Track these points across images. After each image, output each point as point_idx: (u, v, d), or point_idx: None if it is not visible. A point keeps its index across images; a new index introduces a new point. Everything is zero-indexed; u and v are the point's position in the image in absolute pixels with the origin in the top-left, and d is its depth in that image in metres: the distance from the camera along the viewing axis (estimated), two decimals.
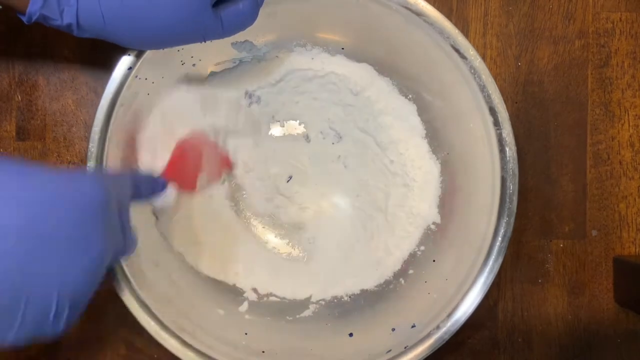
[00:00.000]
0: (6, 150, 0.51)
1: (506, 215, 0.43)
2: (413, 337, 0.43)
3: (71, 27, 0.38)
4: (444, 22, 0.42)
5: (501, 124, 0.43)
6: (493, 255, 0.43)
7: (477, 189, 0.45)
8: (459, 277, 0.44)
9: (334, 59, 0.48)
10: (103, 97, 0.41)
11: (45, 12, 0.37)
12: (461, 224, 0.47)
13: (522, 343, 0.51)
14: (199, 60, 0.47)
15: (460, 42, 0.42)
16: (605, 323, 0.51)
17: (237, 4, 0.40)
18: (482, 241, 0.43)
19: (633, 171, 0.51)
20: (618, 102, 0.51)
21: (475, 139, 0.45)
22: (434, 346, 0.42)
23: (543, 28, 0.51)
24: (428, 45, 0.44)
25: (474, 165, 0.46)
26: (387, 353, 0.43)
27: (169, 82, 0.46)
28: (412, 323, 0.44)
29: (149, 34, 0.38)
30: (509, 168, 0.43)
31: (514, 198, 0.43)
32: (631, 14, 0.51)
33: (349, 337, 0.46)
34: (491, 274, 0.42)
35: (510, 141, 0.43)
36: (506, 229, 0.43)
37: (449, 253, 0.47)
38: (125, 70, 0.42)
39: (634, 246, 0.51)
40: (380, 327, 0.46)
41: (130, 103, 0.43)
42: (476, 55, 0.42)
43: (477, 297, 0.42)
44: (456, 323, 0.42)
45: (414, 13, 0.42)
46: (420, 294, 0.47)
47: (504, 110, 0.43)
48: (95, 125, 0.41)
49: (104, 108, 0.41)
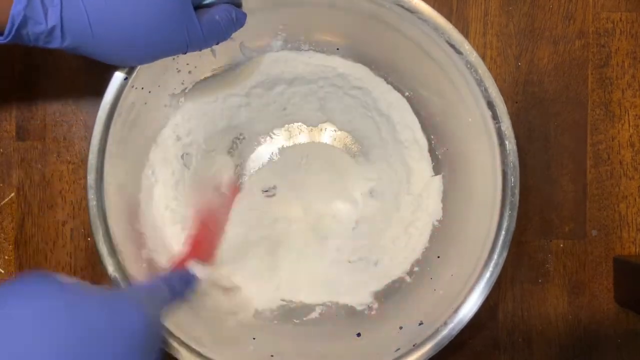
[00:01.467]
0: (6, 150, 0.51)
1: (509, 209, 0.42)
2: (421, 334, 0.42)
3: (54, 34, 0.36)
4: (438, 18, 0.42)
5: (500, 118, 0.42)
6: (497, 249, 0.42)
7: (478, 183, 0.45)
8: (464, 272, 0.43)
9: (329, 59, 0.48)
10: (100, 108, 0.41)
11: (29, 14, 0.35)
12: (464, 219, 0.46)
13: (522, 343, 0.51)
14: (195, 67, 0.46)
15: (455, 38, 0.42)
16: (605, 323, 0.51)
17: (213, 15, 0.40)
18: (485, 236, 0.43)
19: (633, 171, 0.51)
20: (618, 102, 0.51)
21: (474, 133, 0.44)
22: (442, 343, 0.42)
23: (543, 28, 0.51)
24: (423, 42, 0.44)
25: (475, 160, 0.45)
26: (395, 351, 0.42)
27: (165, 90, 0.46)
28: (420, 320, 0.44)
29: (135, 40, 0.37)
30: (509, 161, 0.42)
31: (516, 191, 0.42)
32: (631, 14, 0.51)
33: (357, 337, 0.46)
34: (497, 268, 0.42)
35: (509, 134, 0.42)
36: (509, 222, 0.42)
37: (452, 249, 0.47)
38: (122, 80, 0.41)
39: (634, 246, 0.51)
40: (387, 325, 0.46)
41: (128, 113, 0.43)
42: (472, 50, 0.42)
43: (483, 292, 0.42)
44: (463, 319, 0.42)
45: (408, 10, 0.42)
46: (426, 291, 0.46)
47: (502, 104, 0.42)
48: (94, 137, 0.41)
49: (102, 120, 0.41)
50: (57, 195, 0.51)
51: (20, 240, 0.51)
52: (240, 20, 0.42)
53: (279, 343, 0.46)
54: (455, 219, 0.47)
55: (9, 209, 0.51)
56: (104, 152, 0.41)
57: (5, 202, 0.51)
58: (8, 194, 0.51)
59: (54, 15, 0.36)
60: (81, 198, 0.50)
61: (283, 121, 0.51)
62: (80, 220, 0.51)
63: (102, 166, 0.41)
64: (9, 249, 0.51)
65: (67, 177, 0.51)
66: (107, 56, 0.39)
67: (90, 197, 0.41)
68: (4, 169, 0.51)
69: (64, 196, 0.51)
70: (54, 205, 0.51)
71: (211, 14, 0.40)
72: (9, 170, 0.51)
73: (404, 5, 0.42)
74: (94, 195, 0.41)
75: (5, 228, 0.51)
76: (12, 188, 0.51)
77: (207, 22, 0.39)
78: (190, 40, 0.39)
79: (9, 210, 0.51)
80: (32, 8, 0.35)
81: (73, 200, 0.51)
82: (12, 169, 0.51)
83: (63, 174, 0.51)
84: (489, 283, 0.42)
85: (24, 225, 0.51)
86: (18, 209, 0.51)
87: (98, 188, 0.41)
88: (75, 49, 0.38)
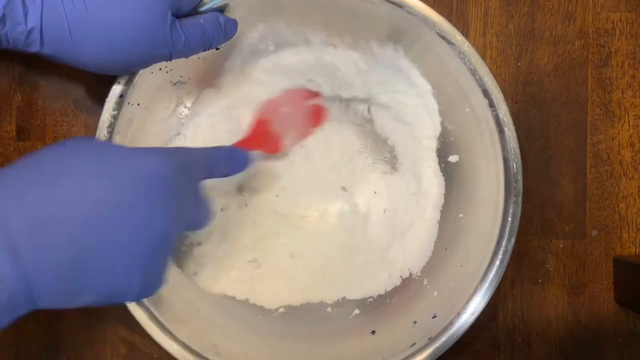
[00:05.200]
0: (6, 150, 0.51)
1: (513, 195, 0.42)
2: (436, 327, 0.42)
3: (32, 36, 0.36)
4: (427, 11, 0.42)
5: (497, 105, 0.42)
6: (505, 235, 0.42)
7: (480, 172, 0.45)
8: (473, 262, 0.43)
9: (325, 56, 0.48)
10: (98, 128, 0.41)
11: (8, 12, 0.35)
12: (469, 210, 0.46)
13: (522, 343, 0.51)
14: (189, 79, 0.46)
15: (446, 29, 0.42)
16: (605, 323, 0.51)
17: (198, 19, 0.39)
18: (492, 224, 0.43)
19: (633, 171, 0.51)
20: (618, 102, 0.51)
21: (472, 122, 0.44)
22: (457, 334, 0.42)
23: (543, 28, 0.51)
24: (415, 36, 0.44)
25: (475, 149, 0.45)
26: (411, 346, 0.42)
27: (161, 104, 0.46)
28: (433, 313, 0.44)
29: (115, 47, 0.37)
30: (510, 148, 0.42)
31: (519, 177, 0.42)
32: (631, 14, 0.51)
33: (372, 334, 0.46)
34: (506, 255, 0.42)
35: (507, 121, 0.42)
36: (515, 208, 0.42)
37: (460, 240, 0.47)
38: (117, 98, 0.41)
39: (634, 246, 0.51)
40: (401, 321, 0.46)
41: (126, 130, 0.43)
42: (464, 40, 0.42)
43: (494, 281, 0.42)
44: (476, 309, 0.42)
45: (397, 5, 0.42)
46: (437, 283, 0.46)
47: (498, 91, 0.42)
48: None
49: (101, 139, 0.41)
50: None
51: None
52: (231, 28, 0.41)
53: (294, 347, 0.46)
54: (461, 209, 0.47)
55: None
56: None
57: None
58: None
59: (33, 16, 0.35)
60: None
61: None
62: None
63: None
64: None
65: None
66: (86, 64, 0.38)
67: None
68: None
69: None
70: None
71: (196, 18, 0.40)
72: None
73: (392, 1, 0.42)
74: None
75: None
76: None
77: (191, 26, 0.39)
78: (173, 47, 0.38)
79: None
80: (12, 7, 0.35)
81: None
82: None
83: None
84: (499, 271, 0.42)
85: None
86: None
87: None
88: (55, 56, 0.37)
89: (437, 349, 0.42)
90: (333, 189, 0.51)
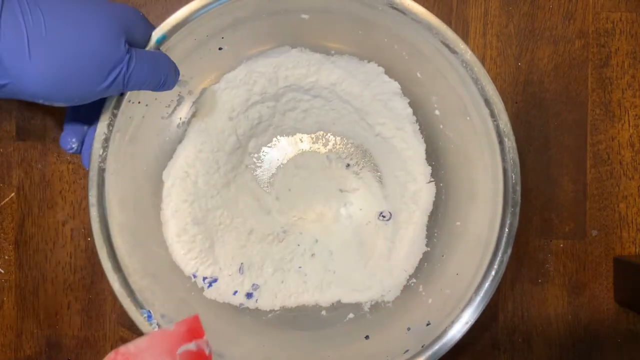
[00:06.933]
0: (6, 150, 0.51)
1: (511, 206, 0.42)
2: (429, 335, 0.42)
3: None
4: (431, 19, 0.42)
5: (497, 116, 0.42)
6: (502, 246, 0.42)
7: (479, 181, 0.45)
8: (469, 271, 0.43)
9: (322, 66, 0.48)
10: (98, 125, 0.41)
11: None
12: (466, 218, 0.46)
13: (522, 343, 0.51)
14: (191, 78, 0.46)
15: (450, 37, 0.42)
16: (605, 323, 0.51)
17: (151, 52, 0.40)
18: (489, 234, 0.43)
19: (633, 171, 0.51)
20: (618, 102, 0.51)
21: (473, 132, 0.44)
22: (450, 343, 0.42)
23: (543, 28, 0.51)
24: (418, 44, 0.44)
25: (474, 158, 0.45)
26: (404, 353, 0.42)
27: (161, 102, 0.46)
28: (427, 321, 0.44)
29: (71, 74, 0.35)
30: (509, 158, 0.42)
31: (517, 188, 0.42)
32: (631, 14, 0.51)
33: (366, 339, 0.46)
34: (502, 265, 0.42)
35: (508, 132, 0.42)
36: (512, 219, 0.42)
37: (456, 247, 0.46)
38: (118, 96, 0.41)
39: (634, 246, 0.51)
40: (395, 327, 0.46)
41: (126, 128, 0.43)
42: (466, 48, 0.42)
43: (490, 291, 0.42)
44: (470, 318, 0.42)
45: (400, 12, 0.42)
46: (432, 290, 0.46)
47: (500, 102, 0.42)
48: (94, 154, 0.41)
49: (101, 136, 0.41)
50: (57, 195, 0.51)
51: (20, 240, 0.51)
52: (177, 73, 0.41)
53: (288, 350, 0.46)
54: (458, 217, 0.47)
55: (9, 209, 0.51)
56: (104, 167, 0.41)
57: (5, 202, 0.51)
58: (8, 194, 0.51)
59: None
60: (81, 198, 0.51)
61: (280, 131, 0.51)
62: (80, 220, 0.51)
63: (103, 181, 0.41)
64: (9, 249, 0.51)
65: (67, 177, 0.51)
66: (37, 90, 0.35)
67: (93, 215, 0.41)
68: (4, 169, 0.51)
69: (64, 196, 0.51)
70: (54, 205, 0.51)
71: (149, 51, 0.40)
72: (9, 170, 0.51)
73: (397, 7, 0.42)
74: (96, 214, 0.41)
75: (5, 228, 0.51)
76: (12, 188, 0.51)
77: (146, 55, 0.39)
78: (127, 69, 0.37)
79: (9, 210, 0.51)
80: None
81: (73, 200, 0.51)
82: (12, 169, 0.51)
83: (63, 174, 0.51)
84: (495, 281, 0.42)
85: (24, 225, 0.51)
86: (18, 209, 0.51)
87: (100, 205, 0.41)
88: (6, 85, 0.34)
89: (430, 357, 0.42)
90: (330, 192, 0.51)
